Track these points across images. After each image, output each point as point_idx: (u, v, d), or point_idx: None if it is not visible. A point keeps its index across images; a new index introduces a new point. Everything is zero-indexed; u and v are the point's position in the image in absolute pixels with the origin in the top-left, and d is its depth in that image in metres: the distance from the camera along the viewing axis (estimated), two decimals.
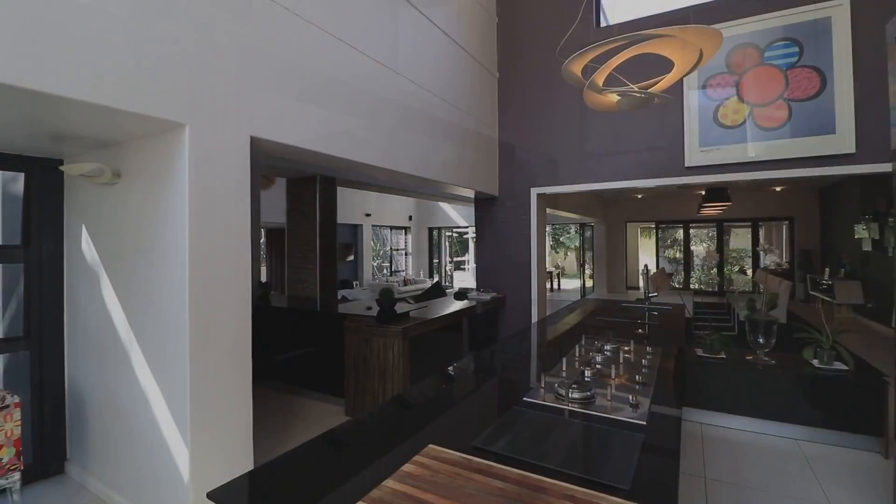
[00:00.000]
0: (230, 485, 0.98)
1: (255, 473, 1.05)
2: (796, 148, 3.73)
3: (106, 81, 1.67)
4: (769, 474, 2.67)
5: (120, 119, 1.88)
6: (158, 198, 2.11)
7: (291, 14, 2.48)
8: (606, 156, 4.51)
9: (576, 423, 1.31)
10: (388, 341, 3.38)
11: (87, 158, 2.54)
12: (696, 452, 2.95)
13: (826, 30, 3.68)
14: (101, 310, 2.46)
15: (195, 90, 1.99)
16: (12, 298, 3.49)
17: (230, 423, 2.16)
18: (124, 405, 2.33)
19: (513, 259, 5.03)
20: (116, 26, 1.71)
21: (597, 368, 1.80)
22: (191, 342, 1.98)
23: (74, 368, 2.71)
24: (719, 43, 2.22)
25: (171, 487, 2.08)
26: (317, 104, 2.64)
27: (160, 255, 2.10)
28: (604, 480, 0.97)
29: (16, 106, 1.70)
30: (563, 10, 4.65)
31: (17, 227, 3.39)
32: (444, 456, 1.03)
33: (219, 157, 2.10)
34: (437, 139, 3.94)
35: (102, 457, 2.52)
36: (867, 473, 2.66)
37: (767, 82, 3.84)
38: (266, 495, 0.97)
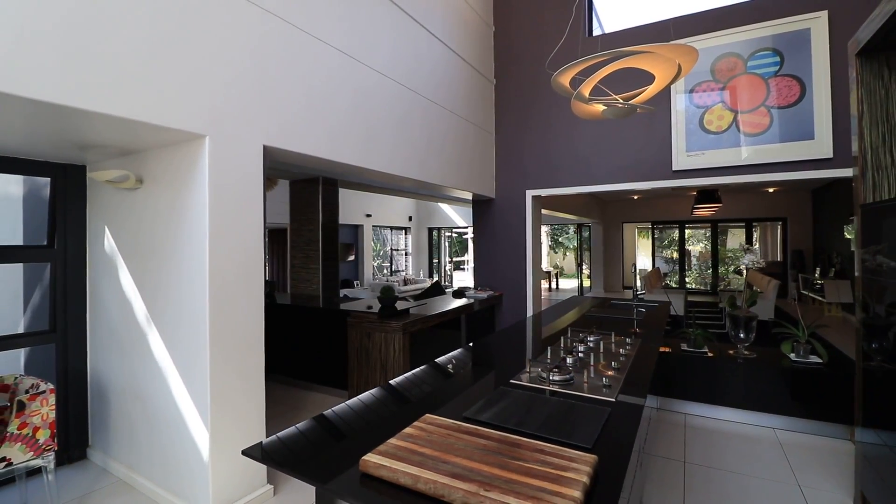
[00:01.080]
0: (259, 445, 1.17)
1: (280, 436, 1.24)
2: (777, 153, 3.92)
3: (138, 99, 1.87)
4: (744, 459, 2.87)
5: (146, 131, 2.07)
6: (180, 201, 2.30)
7: (301, 31, 2.68)
8: (598, 159, 4.70)
9: (554, 399, 1.50)
10: (389, 336, 3.57)
11: (110, 165, 2.73)
12: (678, 440, 3.15)
13: (805, 40, 3.87)
14: (124, 304, 2.65)
15: (215, 105, 2.18)
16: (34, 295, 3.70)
17: (245, 407, 2.35)
18: (146, 393, 2.52)
19: (509, 258, 5.22)
20: (147, 50, 1.90)
21: (578, 356, 2.00)
22: (210, 333, 2.17)
23: (96, 360, 2.91)
24: (695, 58, 2.41)
25: (191, 466, 2.27)
26: (323, 114, 2.84)
27: (182, 253, 2.29)
28: (571, 441, 1.16)
29: (52, 120, 1.89)
30: (557, 20, 4.84)
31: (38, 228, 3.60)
32: (438, 422, 1.23)
33: (235, 165, 2.30)
34: (435, 144, 4.14)
35: (124, 442, 2.71)
36: (836, 458, 2.86)
37: (750, 90, 4.04)
38: (291, 451, 1.16)
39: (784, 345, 3.50)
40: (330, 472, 1.04)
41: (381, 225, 13.51)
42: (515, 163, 5.20)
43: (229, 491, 2.27)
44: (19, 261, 2.93)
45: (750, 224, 11.44)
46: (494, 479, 0.94)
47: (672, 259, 13.97)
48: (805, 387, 3.28)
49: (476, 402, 1.48)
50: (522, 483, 0.92)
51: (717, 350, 3.71)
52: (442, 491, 0.92)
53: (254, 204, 2.41)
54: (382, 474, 0.99)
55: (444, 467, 0.98)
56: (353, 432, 1.30)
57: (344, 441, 1.24)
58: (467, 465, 1.00)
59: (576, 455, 1.04)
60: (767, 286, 6.26)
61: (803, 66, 3.87)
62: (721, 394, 3.52)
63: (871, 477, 2.19)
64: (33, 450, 2.13)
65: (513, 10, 5.27)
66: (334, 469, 1.06)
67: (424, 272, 14.63)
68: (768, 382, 3.39)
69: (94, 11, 1.74)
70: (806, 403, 3.27)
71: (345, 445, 1.21)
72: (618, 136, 4.59)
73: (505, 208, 5.28)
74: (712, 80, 4.18)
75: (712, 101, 4.18)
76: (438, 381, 1.79)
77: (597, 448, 1.14)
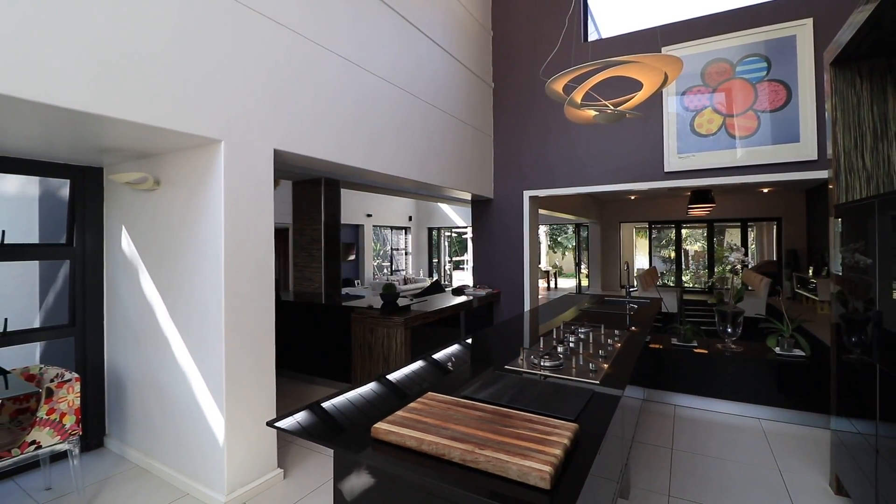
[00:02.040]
0: (283, 416, 1.32)
1: (296, 417, 1.39)
2: (765, 155, 4.08)
3: (161, 107, 2.02)
4: (729, 447, 3.02)
5: (166, 136, 2.22)
6: (196, 202, 2.45)
7: (311, 42, 2.83)
8: (593, 161, 4.86)
9: (544, 382, 1.65)
10: (391, 331, 3.72)
11: (127, 167, 2.88)
12: (667, 429, 3.30)
13: (791, 47, 4.02)
14: (141, 299, 2.80)
15: (230, 111, 2.34)
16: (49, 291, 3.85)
17: (257, 395, 2.50)
18: (163, 383, 2.67)
19: (507, 257, 5.37)
20: (169, 61, 2.05)
21: (569, 346, 2.15)
22: (226, 326, 2.33)
23: (113, 352, 3.05)
24: (680, 67, 2.56)
25: (207, 451, 2.42)
26: (330, 119, 2.99)
27: (198, 251, 2.44)
28: (556, 414, 1.31)
29: (77, 126, 2.03)
30: (554, 24, 4.99)
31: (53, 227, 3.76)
32: (439, 398, 1.38)
33: (248, 168, 2.45)
34: (436, 146, 4.29)
35: (140, 430, 2.86)
36: (816, 445, 3.01)
37: (739, 95, 4.19)
38: (312, 421, 1.31)
39: (769, 339, 3.66)
40: (346, 439, 1.19)
41: (381, 225, 13.66)
42: (513, 164, 5.35)
43: (243, 474, 2.43)
44: (41, 258, 3.08)
45: (745, 224, 11.60)
46: (488, 441, 1.09)
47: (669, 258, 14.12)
48: (789, 379, 3.43)
49: (474, 383, 1.63)
50: (512, 444, 1.07)
51: (705, 344, 3.86)
52: (443, 451, 1.07)
53: (264, 205, 2.57)
54: (391, 439, 1.14)
55: (444, 433, 1.13)
56: (362, 409, 1.45)
57: (355, 416, 1.39)
58: (464, 430, 1.15)
59: (560, 423, 1.19)
60: (759, 284, 6.42)
61: (789, 72, 4.02)
62: (709, 386, 3.67)
63: (845, 461, 2.34)
64: (60, 434, 2.28)
65: (510, 15, 5.42)
66: (350, 437, 1.21)
67: (424, 272, 14.78)
68: (754, 375, 3.54)
69: (122, 26, 1.89)
70: (789, 394, 3.42)
71: (356, 419, 1.36)
72: (612, 139, 4.74)
73: (503, 208, 5.43)
74: (702, 85, 4.33)
75: (702, 104, 4.33)
76: (440, 367, 1.94)
77: (579, 420, 1.29)
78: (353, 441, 1.19)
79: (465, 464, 1.03)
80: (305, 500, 2.42)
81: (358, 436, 1.21)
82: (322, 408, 1.44)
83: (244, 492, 2.41)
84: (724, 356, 3.65)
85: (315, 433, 1.23)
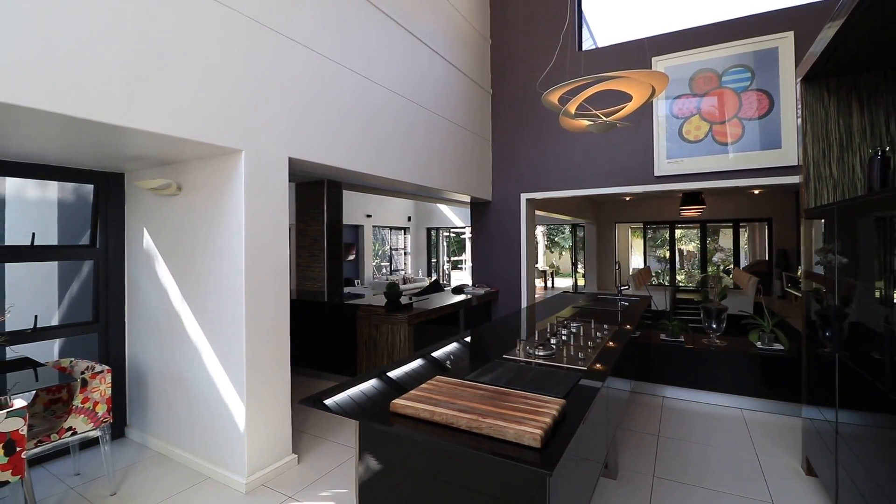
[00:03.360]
0: (312, 396, 1.53)
1: (325, 391, 1.60)
2: (748, 160, 4.30)
3: (188, 119, 2.22)
4: (711, 433, 3.24)
5: (190, 146, 2.42)
6: (218, 206, 2.65)
7: (323, 58, 3.03)
8: (587, 165, 5.07)
9: (538, 368, 1.86)
10: (395, 327, 3.93)
11: (149, 173, 3.08)
12: (654, 418, 3.52)
13: (774, 58, 4.25)
14: (163, 297, 3.00)
15: (249, 123, 2.54)
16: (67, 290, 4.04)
17: (275, 385, 2.71)
18: (185, 375, 2.87)
19: (505, 256, 5.59)
20: (196, 78, 2.25)
21: (561, 338, 2.36)
22: (246, 321, 2.53)
23: (134, 347, 3.25)
24: (666, 82, 2.78)
25: (228, 437, 2.62)
26: (340, 129, 3.19)
27: (220, 251, 2.64)
28: (547, 393, 1.52)
29: (106, 136, 2.21)
30: (550, 33, 5.21)
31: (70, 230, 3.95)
32: (446, 380, 1.58)
33: (265, 175, 2.65)
34: (437, 151, 4.50)
35: (161, 419, 3.06)
36: (792, 432, 3.23)
37: (724, 103, 4.42)
38: (339, 398, 1.51)
39: (751, 334, 3.88)
40: (369, 413, 1.40)
41: (380, 225, 13.85)
42: (510, 167, 5.56)
43: (261, 459, 2.63)
44: (67, 258, 3.27)
45: (737, 224, 11.86)
46: (489, 412, 1.30)
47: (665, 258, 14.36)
48: (768, 371, 3.66)
49: (476, 369, 1.84)
50: (509, 414, 1.28)
51: (691, 339, 4.08)
52: (451, 420, 1.27)
53: (280, 209, 2.77)
54: (407, 412, 1.35)
55: (452, 406, 1.34)
56: (381, 389, 1.65)
57: (372, 397, 1.59)
58: (469, 405, 1.35)
59: (550, 400, 1.40)
60: (747, 283, 6.66)
61: (772, 82, 4.25)
62: (695, 378, 3.90)
63: (814, 445, 2.56)
64: (93, 421, 2.47)
65: (508, 24, 5.63)
66: (372, 412, 1.42)
67: (423, 271, 14.98)
68: (737, 368, 3.77)
69: (154, 46, 2.09)
70: (769, 386, 3.65)
71: (374, 400, 1.56)
72: (606, 144, 4.96)
73: (501, 210, 5.64)
74: (690, 94, 4.55)
75: (690, 112, 4.55)
76: (444, 356, 2.15)
77: (568, 398, 1.50)
78: (376, 415, 1.39)
79: (471, 430, 1.24)
80: (319, 483, 2.63)
81: (378, 411, 1.42)
82: (342, 392, 1.65)
83: (262, 474, 2.62)
84: (709, 350, 3.88)
85: (342, 410, 1.43)
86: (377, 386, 1.71)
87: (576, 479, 1.43)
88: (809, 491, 2.51)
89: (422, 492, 1.31)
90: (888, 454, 1.64)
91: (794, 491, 2.52)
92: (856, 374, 1.97)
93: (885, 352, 1.69)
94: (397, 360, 2.03)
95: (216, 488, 2.58)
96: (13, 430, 1.91)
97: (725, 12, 4.55)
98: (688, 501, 2.41)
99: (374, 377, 1.82)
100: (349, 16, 3.31)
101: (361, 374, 1.82)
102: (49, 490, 2.59)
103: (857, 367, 1.96)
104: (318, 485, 2.61)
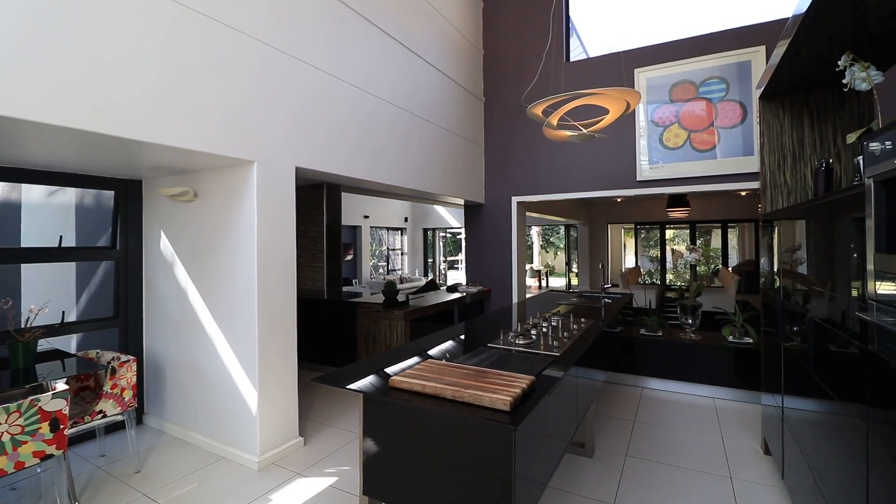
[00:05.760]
0: (324, 375, 1.80)
1: (332, 373, 1.87)
2: (724, 166, 4.60)
3: (209, 135, 2.49)
4: (682, 420, 3.53)
5: (207, 157, 2.69)
6: (232, 211, 2.92)
7: (325, 74, 3.30)
8: (575, 170, 5.36)
9: (517, 354, 2.14)
10: (392, 323, 4.20)
11: (166, 181, 3.34)
12: (632, 406, 3.81)
13: (747, 71, 4.55)
14: (180, 294, 3.26)
15: (260, 136, 2.81)
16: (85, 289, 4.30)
17: (283, 373, 2.98)
18: (201, 365, 3.14)
19: (497, 257, 5.87)
20: (214, 96, 2.53)
21: (542, 330, 2.64)
22: (258, 315, 2.80)
23: (152, 341, 3.51)
24: (638, 99, 3.06)
25: (242, 420, 2.89)
26: (340, 139, 3.47)
27: (233, 252, 2.91)
28: (521, 373, 1.80)
29: (132, 150, 2.49)
30: (540, 42, 5.49)
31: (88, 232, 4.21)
32: (436, 363, 1.86)
33: (275, 183, 2.92)
34: (431, 157, 4.77)
35: (178, 406, 3.32)
36: (756, 418, 3.53)
37: (701, 113, 4.72)
38: (346, 375, 1.79)
39: (724, 329, 4.18)
40: (372, 388, 1.68)
41: (378, 226, 14.11)
42: (502, 172, 5.85)
43: (271, 440, 2.90)
44: (90, 259, 3.54)
45: (725, 225, 12.19)
46: (470, 385, 1.58)
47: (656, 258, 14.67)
48: (739, 363, 3.96)
49: (463, 355, 2.12)
50: (486, 387, 1.56)
51: (669, 334, 4.38)
52: (439, 391, 1.55)
53: (288, 214, 3.04)
54: (403, 386, 1.63)
55: (440, 381, 1.62)
56: (378, 369, 1.93)
57: (374, 376, 1.87)
58: (454, 380, 1.63)
59: (522, 376, 1.68)
60: (730, 281, 6.97)
61: (745, 93, 4.55)
62: (672, 370, 4.19)
63: (769, 427, 2.86)
64: (121, 405, 2.74)
65: (500, 34, 5.92)
66: (375, 387, 1.70)
67: (420, 271, 15.26)
68: (710, 360, 4.06)
69: (176, 68, 2.36)
70: (740, 376, 3.94)
71: (375, 377, 1.84)
72: (592, 150, 5.25)
73: (493, 212, 5.93)
74: (669, 103, 4.85)
75: (670, 121, 4.85)
76: (436, 344, 2.43)
77: (538, 377, 1.78)
78: (378, 390, 1.67)
79: (455, 399, 1.52)
80: (324, 461, 2.90)
81: (379, 387, 1.70)
82: (348, 373, 1.93)
83: (272, 454, 2.89)
84: (685, 344, 4.17)
85: (350, 384, 1.71)
86: (377, 368, 1.99)
87: (542, 444, 1.71)
88: (764, 468, 2.80)
89: (417, 455, 1.58)
90: (815, 431, 1.93)
91: (751, 466, 2.81)
92: (794, 361, 2.26)
93: (807, 336, 1.98)
94: (395, 348, 2.30)
95: (231, 467, 2.86)
96: (57, 410, 2.17)
97: (704, 26, 4.85)
98: (654, 475, 2.70)
99: (374, 361, 2.09)
100: (349, 34, 3.58)
101: (364, 359, 2.09)
102: (79, 469, 2.86)
103: (795, 355, 2.25)
104: (324, 463, 2.88)
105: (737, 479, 2.66)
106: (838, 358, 1.63)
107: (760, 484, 2.61)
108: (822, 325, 1.81)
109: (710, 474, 2.72)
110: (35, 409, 2.08)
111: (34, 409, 2.08)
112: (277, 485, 2.63)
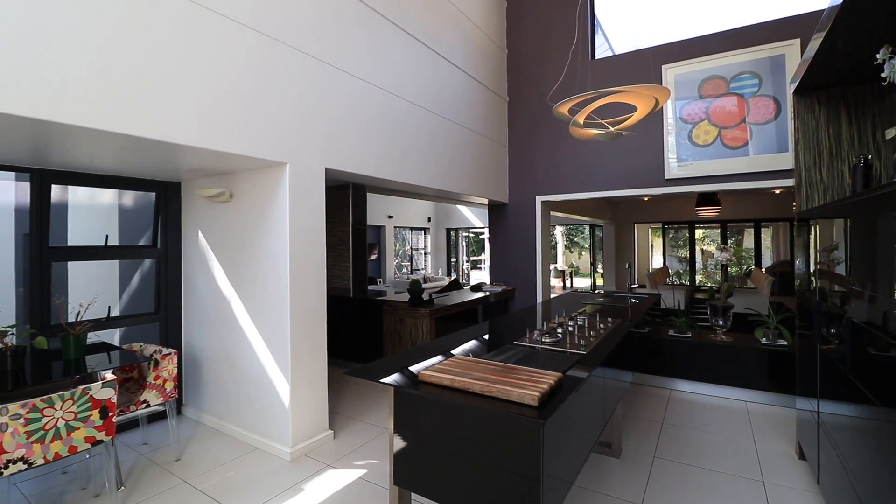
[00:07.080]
0: (356, 369, 1.87)
1: (362, 367, 1.93)
2: (755, 163, 4.47)
3: (246, 139, 2.60)
4: (713, 422, 3.46)
5: (243, 160, 2.80)
6: (265, 211, 3.04)
7: (356, 79, 3.39)
8: (600, 168, 5.31)
9: (543, 352, 2.16)
10: (417, 321, 4.27)
11: (203, 183, 3.50)
12: (660, 408, 3.76)
13: (781, 65, 4.41)
14: (216, 291, 3.41)
15: (294, 140, 2.91)
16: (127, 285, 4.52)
17: (313, 367, 3.08)
18: (237, 359, 3.27)
19: (521, 256, 5.87)
20: (252, 104, 2.64)
21: (567, 329, 2.64)
22: (291, 313, 2.90)
23: (190, 335, 3.68)
24: (667, 95, 3.02)
25: (275, 412, 3.01)
26: (369, 141, 3.55)
27: (267, 251, 3.03)
28: (549, 370, 1.82)
29: (176, 153, 2.62)
30: (564, 41, 5.46)
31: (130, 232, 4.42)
32: (463, 358, 1.90)
33: (306, 184, 3.02)
34: (456, 157, 4.82)
35: (214, 398, 3.47)
36: (790, 422, 3.43)
37: (732, 108, 4.60)
38: (375, 369, 1.85)
39: (757, 330, 4.07)
40: (402, 382, 1.73)
41: (401, 226, 14.26)
42: (526, 171, 5.84)
43: (303, 432, 3.00)
44: (134, 257, 3.74)
45: (759, 224, 11.78)
46: (498, 381, 1.61)
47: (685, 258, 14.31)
48: (772, 365, 3.85)
49: (490, 351, 2.15)
50: (514, 382, 1.59)
51: (698, 335, 4.29)
52: (467, 386, 1.59)
53: (318, 214, 3.14)
54: (431, 380, 1.68)
55: (468, 376, 1.66)
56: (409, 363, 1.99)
57: (403, 370, 1.93)
58: (482, 375, 1.67)
59: (550, 373, 1.71)
60: (763, 282, 6.75)
61: (779, 88, 4.41)
62: (702, 372, 4.11)
63: (804, 432, 2.78)
64: (163, 395, 2.89)
65: (523, 33, 5.91)
66: (404, 381, 1.75)
67: (443, 271, 15.33)
68: (742, 362, 3.96)
69: (219, 79, 2.48)
70: (773, 379, 3.83)
71: (405, 373, 1.90)
72: (617, 148, 5.18)
73: (517, 212, 5.93)
74: (699, 99, 4.75)
75: (699, 117, 4.74)
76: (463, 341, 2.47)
77: (565, 374, 1.80)
78: (407, 384, 1.73)
79: (483, 393, 1.56)
80: (353, 454, 2.99)
81: (409, 381, 1.75)
82: (377, 368, 1.99)
83: (304, 446, 2.99)
84: (716, 345, 4.08)
85: (382, 377, 1.77)
86: (405, 364, 2.05)
87: (569, 441, 1.73)
88: (798, 473, 2.73)
89: (445, 448, 1.63)
90: (853, 436, 1.88)
91: (785, 471, 2.74)
92: (831, 364, 2.20)
93: (846, 339, 1.92)
94: (421, 345, 2.36)
95: (264, 457, 2.97)
96: (107, 398, 2.32)
97: (734, 20, 4.73)
98: (683, 477, 2.67)
99: (401, 357, 2.15)
100: (381, 41, 3.66)
101: (391, 356, 2.15)
102: (123, 456, 3.02)
103: (832, 358, 2.18)
104: (353, 456, 2.96)
105: (770, 484, 2.60)
106: (879, 361, 1.59)
107: (795, 489, 2.55)
108: (862, 326, 1.76)
109: (742, 478, 2.67)
110: (87, 398, 2.23)
111: (86, 398, 2.22)
112: (309, 475, 2.73)
